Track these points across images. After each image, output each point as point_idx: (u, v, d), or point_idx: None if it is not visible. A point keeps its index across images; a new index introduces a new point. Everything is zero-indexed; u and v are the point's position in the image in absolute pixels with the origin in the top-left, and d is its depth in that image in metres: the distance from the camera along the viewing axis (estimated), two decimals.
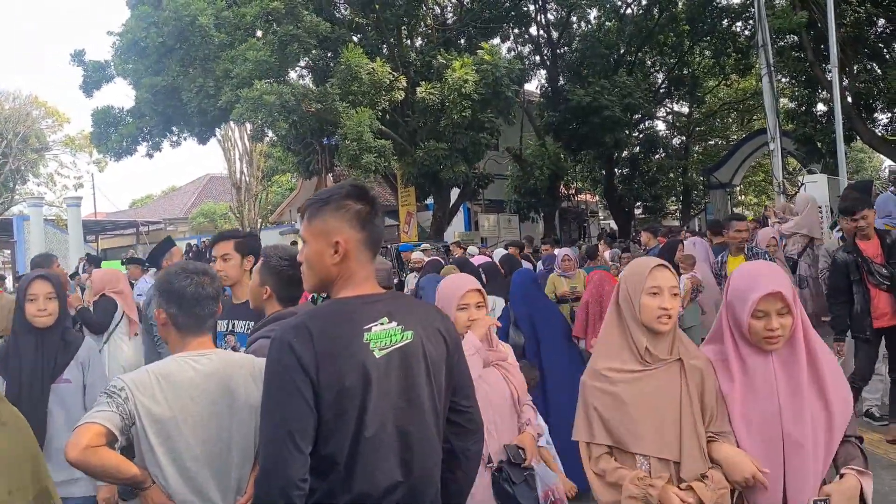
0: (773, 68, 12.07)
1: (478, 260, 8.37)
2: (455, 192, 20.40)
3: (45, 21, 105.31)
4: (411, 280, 10.21)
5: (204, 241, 25.15)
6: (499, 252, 12.57)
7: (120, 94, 59.71)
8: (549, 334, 5.42)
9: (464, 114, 16.11)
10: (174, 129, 16.96)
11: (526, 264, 9.25)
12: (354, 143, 14.54)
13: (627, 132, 23.47)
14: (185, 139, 17.49)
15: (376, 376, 1.86)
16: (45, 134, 35.31)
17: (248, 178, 30.54)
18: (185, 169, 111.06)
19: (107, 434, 2.10)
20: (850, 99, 17.31)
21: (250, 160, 30.22)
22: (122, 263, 13.97)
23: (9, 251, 27.38)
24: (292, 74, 18.00)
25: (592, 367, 2.51)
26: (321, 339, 1.83)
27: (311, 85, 18.54)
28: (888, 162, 20.58)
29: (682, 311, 7.53)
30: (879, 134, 18.87)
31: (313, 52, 16.33)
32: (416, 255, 10.95)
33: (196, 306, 2.43)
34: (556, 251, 10.29)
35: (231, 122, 24.78)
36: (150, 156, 17.16)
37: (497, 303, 6.63)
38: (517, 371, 3.15)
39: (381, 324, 1.92)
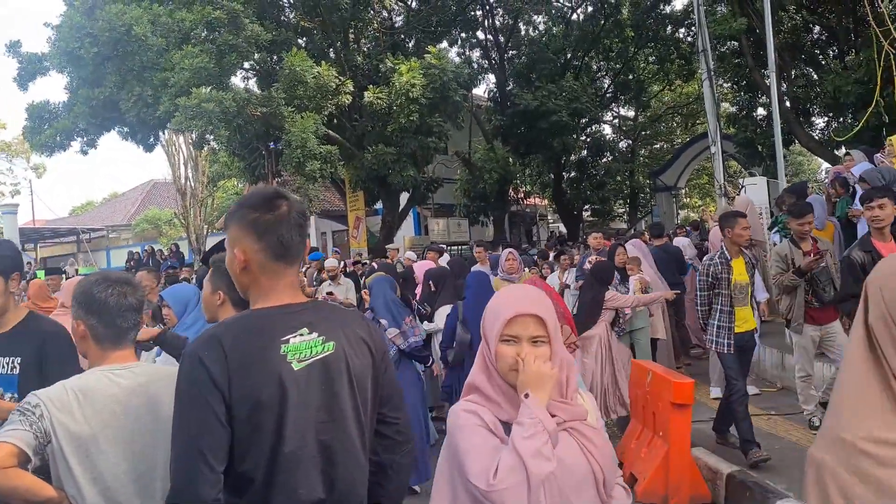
0: (713, 73, 12.28)
1: (423, 266, 8.24)
2: (404, 197, 20.32)
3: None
4: (325, 288, 9.92)
5: (148, 249, 24.62)
6: (409, 255, 12.50)
7: (56, 89, 57.88)
8: None
9: (411, 118, 16.03)
10: (111, 129, 16.42)
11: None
12: (299, 151, 14.31)
13: (575, 136, 23.66)
14: (123, 137, 16.91)
15: (294, 389, 1.80)
16: None
17: (193, 184, 29.96)
18: (129, 175, 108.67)
19: (19, 454, 1.99)
20: (788, 103, 17.75)
21: (195, 165, 29.67)
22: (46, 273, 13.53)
23: None
24: (236, 79, 17.71)
25: (838, 435, 1.44)
26: (234, 352, 1.77)
27: (255, 89, 18.27)
28: (825, 164, 21.18)
29: (630, 314, 7.59)
30: (816, 137, 19.39)
31: (256, 56, 16.00)
32: (329, 263, 10.73)
33: (118, 317, 2.32)
34: (500, 252, 10.26)
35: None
36: (85, 152, 16.52)
37: (442, 311, 6.64)
38: (600, 436, 1.98)
39: (301, 335, 1.86)
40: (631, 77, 27.18)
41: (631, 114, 31.87)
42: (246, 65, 17.98)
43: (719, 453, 5.56)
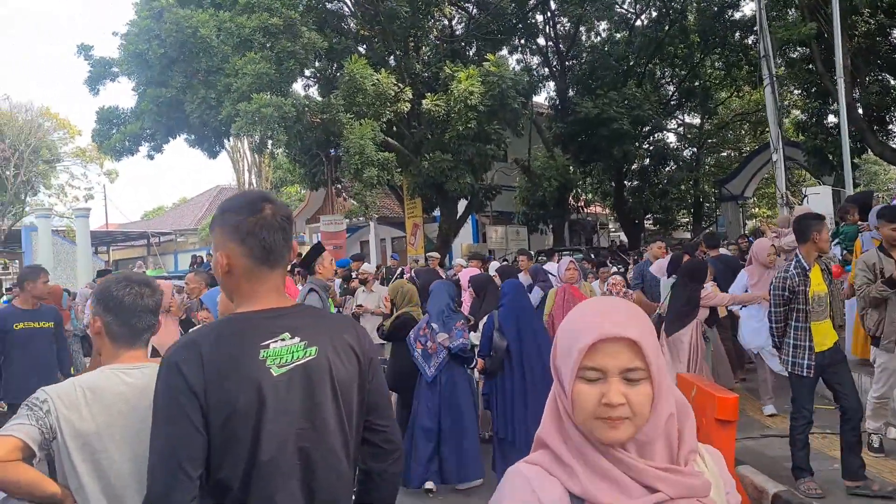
0: (776, 79, 11.93)
1: (467, 273, 8.16)
2: (463, 204, 20.31)
3: (57, 35, 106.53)
4: (360, 296, 9.53)
5: (210, 254, 25.21)
6: (461, 262, 12.25)
7: (125, 95, 60.54)
8: (531, 341, 5.84)
9: (469, 125, 16.04)
10: (177, 135, 16.89)
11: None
12: (357, 157, 14.46)
13: (636, 144, 23.32)
14: (190, 145, 17.40)
15: (273, 396, 1.76)
16: (56, 145, 35.59)
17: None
18: (197, 181, 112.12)
19: (24, 448, 2.02)
20: (861, 111, 17.09)
21: (259, 171, 30.32)
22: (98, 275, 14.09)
23: (17, 262, 27.59)
24: (297, 86, 17.99)
25: None
26: (211, 357, 1.74)
27: (317, 96, 18.54)
28: None
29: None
30: (893, 146, 18.59)
31: (316, 64, 16.17)
32: (364, 268, 10.21)
33: (132, 317, 2.35)
34: (556, 262, 10.10)
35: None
36: (151, 157, 17.05)
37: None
38: None
39: (282, 339, 1.83)
40: (696, 84, 26.60)
41: (696, 121, 31.18)
42: (307, 72, 18.28)
43: (767, 472, 5.33)
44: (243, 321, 1.85)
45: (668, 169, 27.51)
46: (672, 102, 27.67)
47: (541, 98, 26.19)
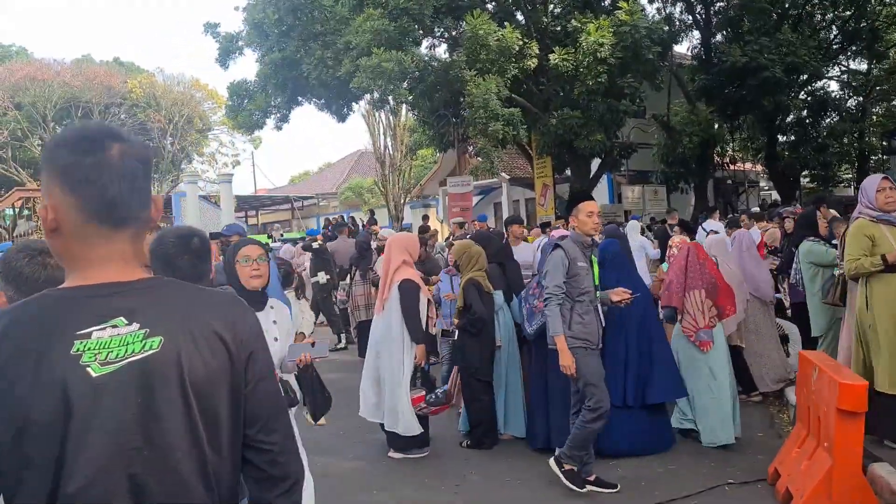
0: None
1: (557, 234, 7.52)
2: (596, 163, 19.43)
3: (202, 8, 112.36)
4: (379, 264, 8.23)
5: (336, 217, 25.72)
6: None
7: (252, 68, 63.32)
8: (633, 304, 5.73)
9: (599, 80, 15.15)
10: (300, 101, 17.24)
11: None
12: (481, 112, 14.06)
13: (791, 94, 21.35)
14: (319, 109, 17.73)
15: (88, 405, 1.28)
16: (207, 115, 37.66)
17: (391, 153, 30.92)
18: (341, 146, 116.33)
19: None
20: None
21: (394, 135, 30.55)
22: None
23: (167, 225, 29.69)
24: (424, 44, 17.76)
25: None
26: None
27: (444, 55, 18.22)
28: None
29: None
30: None
31: (428, 22, 15.72)
32: (384, 232, 9.29)
33: (34, 290, 2.14)
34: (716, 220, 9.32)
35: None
36: (279, 128, 17.67)
37: None
38: None
39: (113, 326, 1.33)
40: (863, 24, 23.91)
41: (862, 67, 28.21)
42: (436, 30, 18.02)
43: None
44: (59, 300, 1.37)
45: (828, 121, 25.13)
46: (834, 47, 25.09)
47: (682, 48, 24.52)
